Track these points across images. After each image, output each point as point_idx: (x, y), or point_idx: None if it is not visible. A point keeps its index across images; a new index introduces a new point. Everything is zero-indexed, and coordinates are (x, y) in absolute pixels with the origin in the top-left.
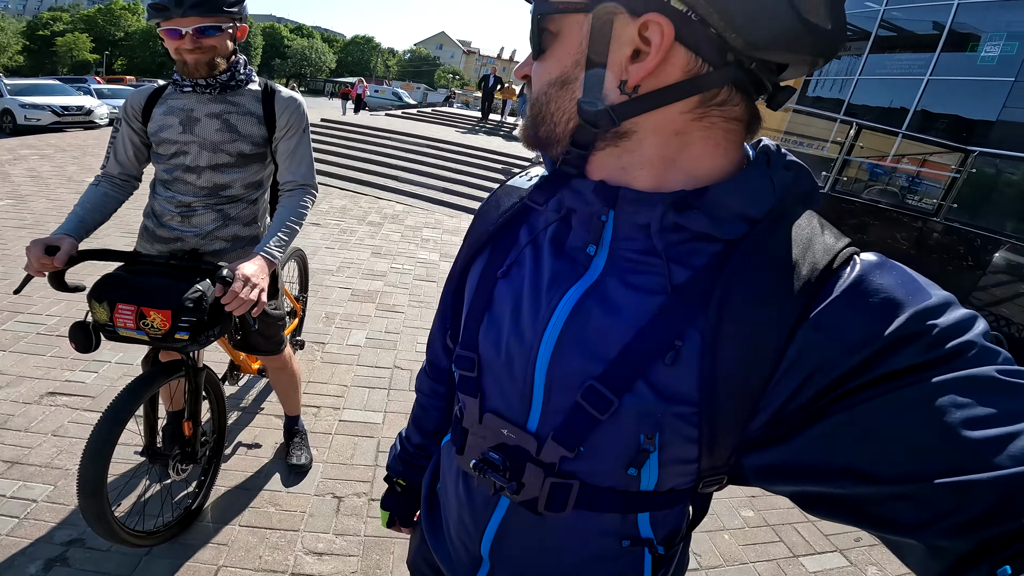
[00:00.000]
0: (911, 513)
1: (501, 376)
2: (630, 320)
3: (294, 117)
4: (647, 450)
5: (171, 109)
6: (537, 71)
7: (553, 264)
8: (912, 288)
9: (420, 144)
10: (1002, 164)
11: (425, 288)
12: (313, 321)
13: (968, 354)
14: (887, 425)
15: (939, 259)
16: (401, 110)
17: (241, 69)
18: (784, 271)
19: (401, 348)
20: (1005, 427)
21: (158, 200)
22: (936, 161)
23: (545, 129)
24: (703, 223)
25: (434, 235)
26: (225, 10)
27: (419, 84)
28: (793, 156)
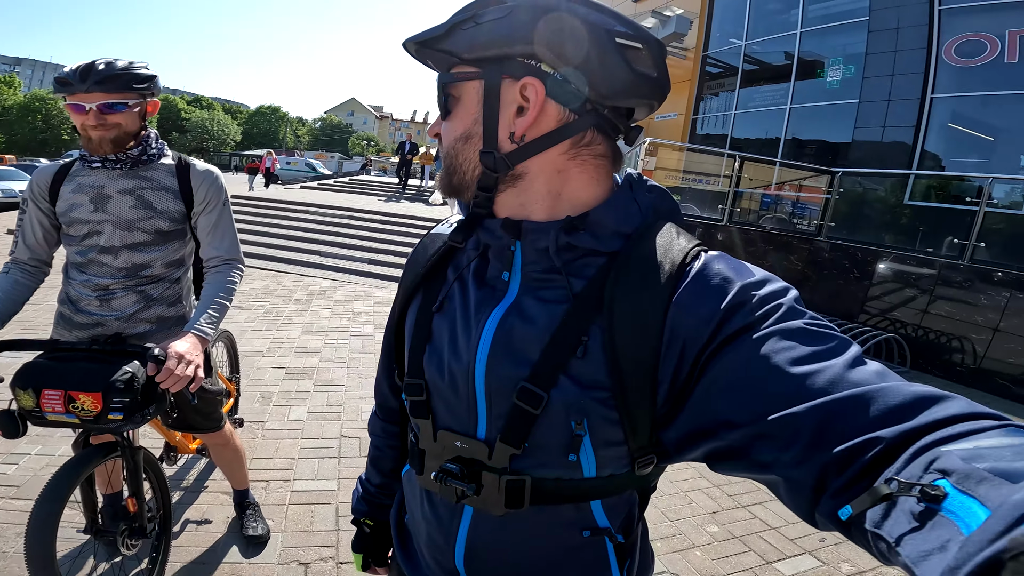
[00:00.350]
0: (766, 451)
1: (447, 395)
2: (545, 327)
3: (212, 190)
4: (579, 435)
5: (80, 187)
6: (445, 129)
7: (477, 294)
8: (740, 270)
9: (341, 216)
10: (864, 181)
11: (363, 360)
12: (248, 402)
13: (780, 312)
14: (735, 376)
15: (830, 275)
16: (316, 181)
17: (153, 143)
18: (653, 270)
19: (346, 419)
20: (814, 364)
21: (73, 285)
22: (810, 185)
23: (456, 178)
24: (589, 241)
25: (365, 307)
26: (133, 87)
27: (333, 153)
28: (652, 181)
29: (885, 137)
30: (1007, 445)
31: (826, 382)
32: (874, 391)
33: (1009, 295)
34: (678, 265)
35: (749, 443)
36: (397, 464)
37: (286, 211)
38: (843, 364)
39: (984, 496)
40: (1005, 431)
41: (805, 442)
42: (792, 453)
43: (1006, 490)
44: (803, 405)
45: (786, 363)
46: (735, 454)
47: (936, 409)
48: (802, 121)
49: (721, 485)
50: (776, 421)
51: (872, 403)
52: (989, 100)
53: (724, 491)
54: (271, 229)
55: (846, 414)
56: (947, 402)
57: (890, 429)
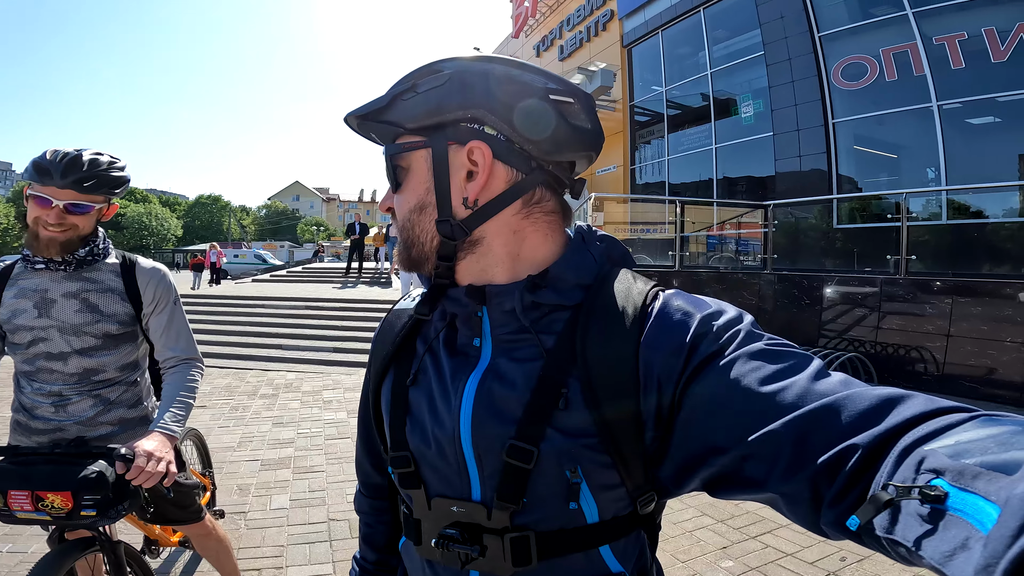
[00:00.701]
0: (756, 470)
1: (436, 463)
2: (523, 386)
3: (160, 289)
4: (576, 483)
5: (23, 291)
6: (398, 202)
7: (450, 362)
8: (697, 303)
9: (299, 306)
10: (794, 211)
11: (340, 445)
12: (226, 494)
13: (740, 336)
14: (711, 403)
15: (783, 305)
16: (269, 273)
17: (100, 243)
18: (618, 316)
19: (332, 503)
20: (782, 381)
21: (25, 393)
22: (748, 221)
23: (416, 250)
24: (552, 297)
25: (336, 395)
26: (107, 190)
27: (282, 242)
28: (602, 232)
29: (803, 166)
30: (987, 436)
31: (795, 396)
32: (841, 399)
33: (951, 301)
34: (640, 308)
35: (739, 465)
36: (391, 538)
37: (241, 306)
38: (808, 377)
39: (985, 491)
40: (978, 422)
41: (788, 457)
42: (779, 469)
43: (1005, 482)
44: (778, 421)
45: (755, 383)
46: (729, 478)
47: (902, 408)
48: (728, 159)
49: (725, 520)
50: (757, 440)
51: (842, 411)
52: (884, 119)
53: (730, 525)
54: (227, 327)
55: (820, 425)
56: (910, 400)
57: (863, 435)
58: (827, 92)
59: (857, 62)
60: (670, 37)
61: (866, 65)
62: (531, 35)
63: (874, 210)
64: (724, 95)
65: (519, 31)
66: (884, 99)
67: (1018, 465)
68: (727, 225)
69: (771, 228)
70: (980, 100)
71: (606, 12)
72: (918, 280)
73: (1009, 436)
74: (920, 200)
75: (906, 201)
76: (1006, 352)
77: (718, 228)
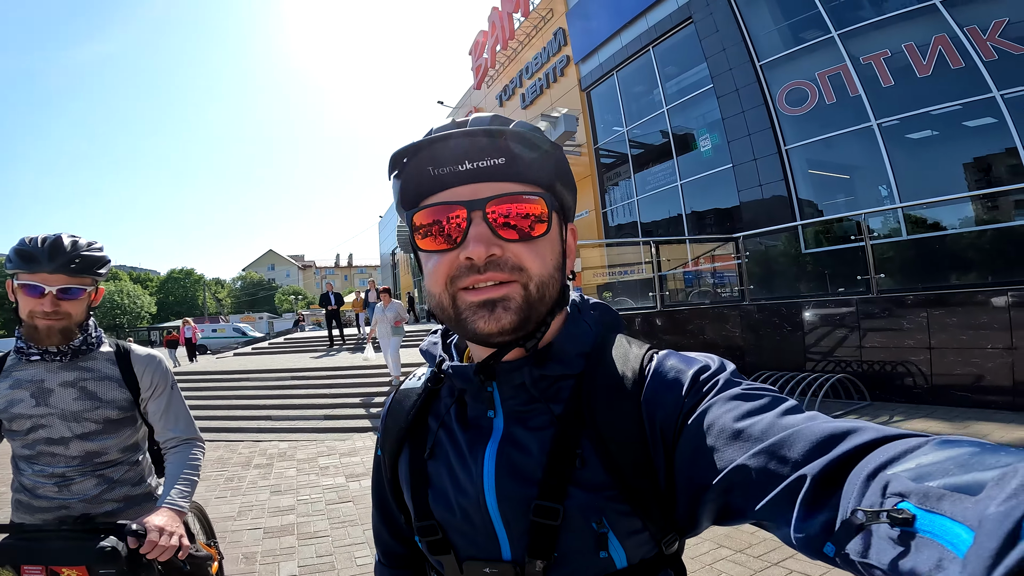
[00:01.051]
0: (736, 500)
1: (464, 528)
2: (539, 450)
3: (157, 375)
4: (603, 532)
5: (18, 382)
6: (531, 253)
7: (465, 435)
8: (688, 361)
9: (284, 377)
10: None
11: (343, 509)
12: (231, 563)
13: (720, 384)
14: (695, 445)
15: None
16: (250, 346)
17: (92, 332)
18: (619, 380)
19: (341, 567)
20: (752, 418)
21: (26, 475)
22: (721, 254)
23: (537, 312)
24: (558, 369)
25: (332, 461)
26: (94, 271)
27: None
28: (594, 299)
29: (764, 194)
30: (946, 458)
31: (760, 431)
32: (798, 431)
33: (927, 314)
34: (638, 370)
35: (724, 498)
36: None
37: (225, 380)
38: (776, 414)
39: (951, 512)
40: (934, 444)
41: (755, 485)
42: (752, 497)
43: (970, 503)
44: (746, 454)
45: (730, 421)
46: (723, 510)
47: (852, 438)
48: (694, 194)
49: (744, 549)
50: (731, 472)
51: (797, 442)
52: (831, 142)
53: (748, 554)
54: (213, 400)
55: (776, 455)
56: (861, 432)
57: (812, 464)
58: (776, 119)
59: (798, 87)
60: (625, 77)
61: (806, 90)
62: (492, 85)
63: (837, 232)
64: (682, 130)
65: (480, 82)
66: (828, 122)
67: (980, 486)
68: (701, 260)
69: (744, 259)
70: (914, 115)
71: (562, 58)
72: (891, 297)
73: (968, 457)
74: (879, 218)
75: (865, 221)
76: (990, 358)
77: (693, 264)
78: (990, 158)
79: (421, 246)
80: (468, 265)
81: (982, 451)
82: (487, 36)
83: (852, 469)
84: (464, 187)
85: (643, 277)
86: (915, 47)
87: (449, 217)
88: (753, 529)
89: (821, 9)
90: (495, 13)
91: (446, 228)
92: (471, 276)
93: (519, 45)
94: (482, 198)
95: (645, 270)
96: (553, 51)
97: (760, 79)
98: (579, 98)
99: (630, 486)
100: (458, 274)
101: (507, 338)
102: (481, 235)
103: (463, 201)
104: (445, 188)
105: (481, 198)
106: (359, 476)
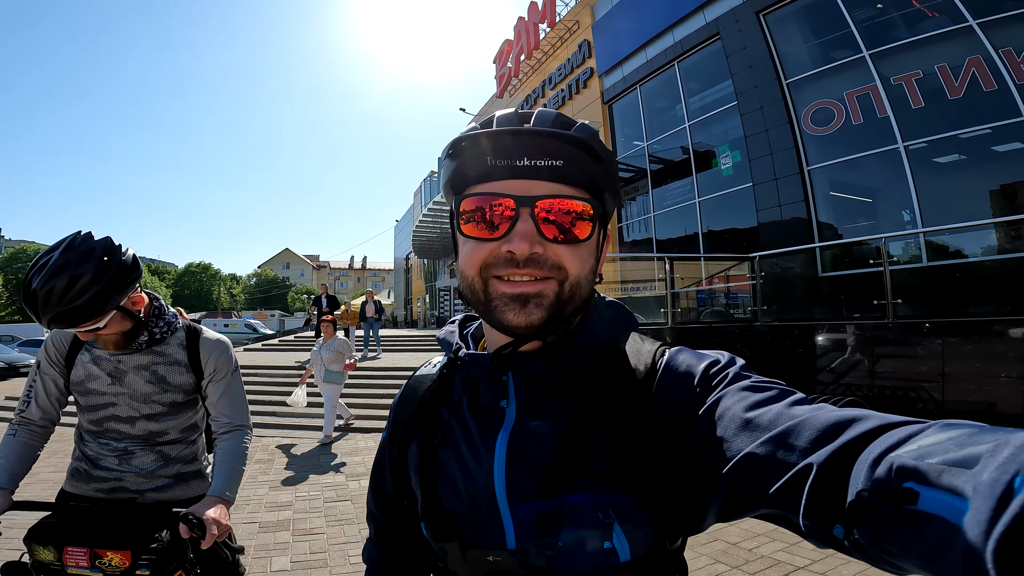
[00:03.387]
0: (746, 489)
1: (470, 516)
2: (550, 440)
3: (222, 360)
4: (608, 522)
5: (97, 359)
6: (572, 255)
7: (477, 424)
8: (699, 356)
9: (292, 374)
10: (780, 262)
11: (340, 507)
12: None
13: (730, 377)
14: (706, 435)
15: (776, 355)
16: (260, 342)
17: (162, 323)
18: (631, 374)
19: (333, 564)
20: (760, 408)
21: (89, 446)
22: (735, 274)
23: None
24: (573, 362)
25: (334, 459)
26: (89, 313)
27: (272, 311)
28: (611, 298)
29: (784, 215)
30: (946, 439)
31: (768, 421)
32: (806, 420)
33: (942, 342)
34: (650, 364)
35: (733, 488)
36: None
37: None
38: (784, 404)
39: (950, 485)
40: (938, 427)
41: (764, 473)
42: (761, 485)
43: (967, 475)
44: (755, 443)
45: (740, 411)
46: (732, 501)
47: (858, 425)
48: (712, 212)
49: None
50: (740, 461)
51: (804, 430)
52: (855, 163)
53: (745, 571)
54: None
55: (784, 443)
56: (866, 419)
57: (818, 452)
58: (799, 139)
59: (824, 107)
60: (648, 91)
61: (833, 110)
62: (515, 94)
63: (856, 256)
64: (703, 147)
65: (503, 91)
66: (853, 143)
67: (976, 459)
68: (715, 279)
69: (758, 280)
70: (943, 138)
71: (586, 70)
72: (907, 323)
73: (966, 437)
74: (899, 243)
75: (885, 246)
76: (1003, 387)
77: (707, 282)
78: (1017, 185)
79: (464, 230)
80: (508, 258)
81: (980, 431)
82: (512, 46)
83: (859, 455)
84: (517, 181)
85: (656, 294)
86: (948, 68)
87: (496, 207)
88: (751, 545)
89: (853, 29)
90: (521, 23)
91: (493, 218)
92: (509, 268)
93: (543, 55)
94: (533, 195)
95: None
96: (577, 63)
97: (786, 97)
98: (600, 111)
99: (638, 479)
100: (495, 263)
101: (533, 332)
102: (527, 232)
103: (515, 195)
104: (499, 179)
105: (532, 195)
106: (359, 476)
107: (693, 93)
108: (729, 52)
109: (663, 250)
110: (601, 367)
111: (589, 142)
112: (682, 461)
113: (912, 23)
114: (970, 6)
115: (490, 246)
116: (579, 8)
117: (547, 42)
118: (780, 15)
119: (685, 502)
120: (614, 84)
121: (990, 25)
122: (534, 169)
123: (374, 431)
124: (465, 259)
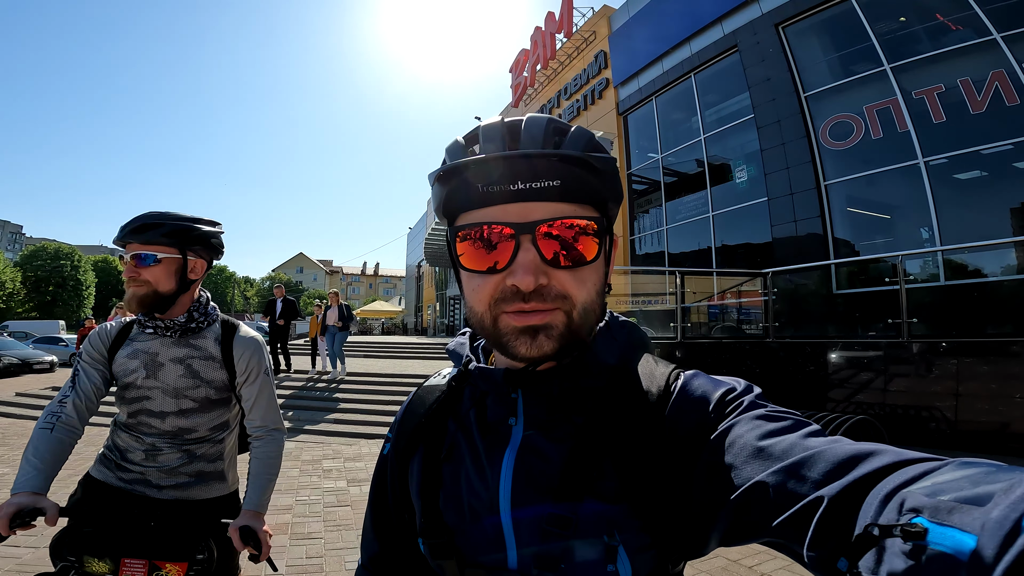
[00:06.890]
0: (754, 517)
1: (471, 532)
2: (558, 460)
3: (253, 361)
4: (613, 545)
5: (136, 352)
6: (576, 280)
7: (483, 440)
8: (714, 382)
9: (297, 378)
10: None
11: (340, 513)
12: None
13: (744, 405)
14: (715, 462)
15: (787, 373)
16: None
17: (202, 309)
18: (643, 396)
19: (329, 570)
20: (773, 438)
21: (121, 437)
22: (748, 289)
23: (586, 332)
24: (587, 382)
25: (335, 465)
26: (177, 240)
27: None
28: (624, 318)
29: (799, 231)
30: (961, 476)
31: (781, 451)
32: (819, 452)
33: (957, 362)
34: (663, 387)
35: (740, 515)
36: None
37: None
38: (799, 436)
39: (960, 523)
40: (955, 466)
41: (773, 503)
42: (769, 514)
43: (978, 513)
44: (766, 471)
45: (753, 439)
46: (738, 527)
47: (872, 460)
48: (726, 227)
49: None
50: (750, 489)
51: (817, 463)
52: (874, 179)
53: None
54: None
55: (797, 474)
56: (882, 454)
57: (830, 486)
58: (817, 153)
59: (843, 121)
60: (664, 103)
61: (852, 124)
62: (530, 104)
63: (872, 274)
64: (718, 160)
65: (518, 100)
66: (872, 158)
67: (989, 496)
68: (727, 294)
69: (771, 296)
70: (964, 154)
71: (602, 80)
72: (923, 343)
73: (982, 475)
74: (917, 262)
75: (902, 264)
76: (1017, 408)
77: (719, 297)
78: None
79: (464, 263)
80: (514, 291)
81: (998, 470)
82: (528, 55)
83: (871, 490)
84: (513, 206)
85: (666, 308)
86: (971, 82)
87: (496, 237)
88: (752, 563)
89: (875, 41)
90: (538, 32)
91: (492, 248)
92: (515, 303)
93: (559, 65)
94: (532, 221)
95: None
96: (593, 73)
97: (804, 111)
98: (615, 122)
99: (645, 501)
100: (503, 297)
101: (546, 360)
102: (529, 263)
103: (513, 223)
104: (494, 204)
105: (531, 221)
106: (361, 481)
107: (709, 105)
108: (747, 64)
109: (675, 264)
110: (612, 388)
111: (584, 158)
112: (690, 485)
113: (935, 36)
114: (995, 19)
115: (494, 280)
116: (596, 19)
117: (563, 52)
118: (800, 28)
119: (690, 527)
120: (630, 95)
121: (1015, 39)
122: (530, 191)
123: (377, 437)
124: (472, 295)
